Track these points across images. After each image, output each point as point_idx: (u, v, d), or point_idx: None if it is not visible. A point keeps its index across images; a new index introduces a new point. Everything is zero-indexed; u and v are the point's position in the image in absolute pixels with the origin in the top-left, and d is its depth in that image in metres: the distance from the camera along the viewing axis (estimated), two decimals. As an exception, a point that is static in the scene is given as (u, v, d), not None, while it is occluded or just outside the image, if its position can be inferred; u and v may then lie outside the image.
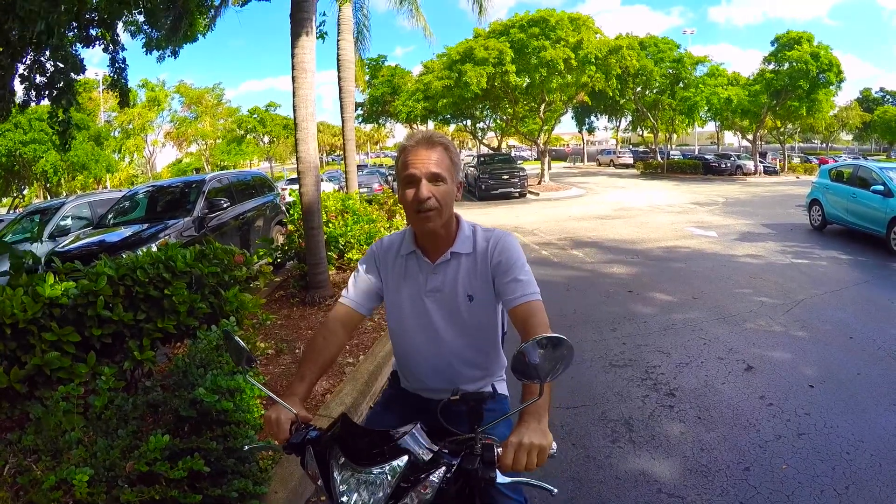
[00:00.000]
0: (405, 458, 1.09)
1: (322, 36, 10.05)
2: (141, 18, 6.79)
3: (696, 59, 31.09)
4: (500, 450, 1.10)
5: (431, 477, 1.09)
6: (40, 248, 7.44)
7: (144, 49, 7.54)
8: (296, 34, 5.54)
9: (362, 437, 1.19)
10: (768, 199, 17.13)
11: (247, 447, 1.46)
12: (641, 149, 40.80)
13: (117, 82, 6.11)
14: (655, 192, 20.68)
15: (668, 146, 40.14)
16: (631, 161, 39.51)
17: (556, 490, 1.08)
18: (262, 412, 2.40)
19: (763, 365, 4.11)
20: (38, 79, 5.08)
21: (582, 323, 5.33)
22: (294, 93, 5.91)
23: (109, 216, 7.55)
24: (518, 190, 20.42)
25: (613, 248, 9.32)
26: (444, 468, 1.10)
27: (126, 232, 6.42)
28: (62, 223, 8.27)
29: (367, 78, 37.04)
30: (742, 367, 4.08)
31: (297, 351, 4.62)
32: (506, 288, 1.47)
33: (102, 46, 5.76)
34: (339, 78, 10.97)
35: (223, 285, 3.85)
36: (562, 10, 22.90)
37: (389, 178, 26.19)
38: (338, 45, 10.59)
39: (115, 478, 1.59)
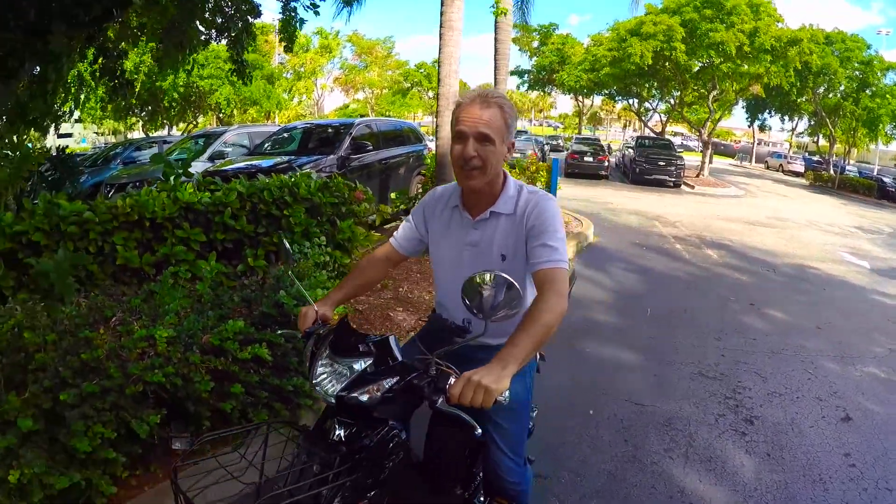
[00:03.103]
0: (370, 359, 1.26)
1: (501, 13, 10.15)
2: None
3: (888, 65, 25.69)
4: (453, 380, 1.17)
5: (383, 381, 1.22)
6: (198, 167, 8.54)
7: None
8: (446, -8, 5.70)
9: (350, 337, 1.36)
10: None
11: (279, 331, 1.73)
12: (816, 158, 35.42)
13: (286, 28, 6.77)
14: (818, 207, 18.07)
15: (846, 160, 34.33)
16: (801, 169, 34.51)
17: (479, 430, 1.15)
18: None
19: (863, 419, 3.58)
20: (219, 20, 5.89)
21: (687, 324, 5.08)
22: (440, 49, 6.15)
23: (266, 145, 8.53)
24: (673, 179, 19.04)
25: (751, 256, 8.48)
26: (397, 377, 1.23)
27: (273, 161, 7.23)
28: (222, 148, 9.40)
29: (535, 45, 36.65)
30: (839, 415, 3.60)
31: (400, 289, 4.97)
32: (533, 251, 1.49)
33: (276, -6, 6.43)
34: (496, 40, 10.96)
35: (340, 216, 4.28)
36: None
37: (546, 147, 26.11)
38: (496, 6, 10.59)
39: (192, 344, 2.00)
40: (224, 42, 6.41)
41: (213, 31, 6.07)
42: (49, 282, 2.43)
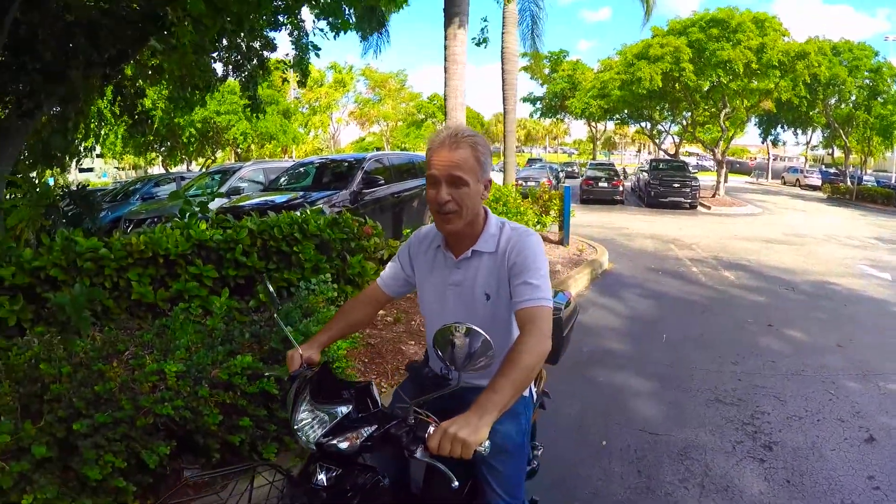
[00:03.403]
0: (349, 406, 1.26)
1: (482, 42, 10.36)
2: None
3: (896, 72, 25.49)
4: (432, 429, 1.16)
5: (362, 429, 1.22)
6: (214, 203, 8.54)
7: (332, 33, 8.43)
8: (448, 27, 5.87)
9: (332, 383, 1.37)
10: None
11: (267, 372, 1.74)
12: (833, 170, 34.96)
13: (299, 63, 7.02)
14: (836, 220, 17.81)
15: (862, 170, 33.82)
16: (818, 183, 34.11)
17: (456, 483, 1.11)
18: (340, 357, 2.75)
19: (888, 439, 3.46)
20: (236, 56, 6.12)
21: (703, 348, 5.00)
22: (445, 83, 6.27)
23: (282, 180, 8.68)
24: (689, 200, 19.00)
25: (769, 275, 8.37)
26: (376, 426, 1.23)
27: (287, 196, 7.32)
28: (237, 184, 9.46)
29: (546, 71, 37.25)
30: (862, 437, 3.48)
31: (412, 322, 4.95)
32: (515, 290, 1.45)
33: (288, 31, 6.69)
34: (503, 70, 11.20)
35: (350, 252, 4.34)
36: (746, 8, 20.49)
37: (561, 174, 26.25)
38: (503, 38, 10.83)
39: (201, 379, 2.05)
40: (240, 77, 6.61)
41: (230, 67, 6.30)
42: (65, 315, 2.51)
